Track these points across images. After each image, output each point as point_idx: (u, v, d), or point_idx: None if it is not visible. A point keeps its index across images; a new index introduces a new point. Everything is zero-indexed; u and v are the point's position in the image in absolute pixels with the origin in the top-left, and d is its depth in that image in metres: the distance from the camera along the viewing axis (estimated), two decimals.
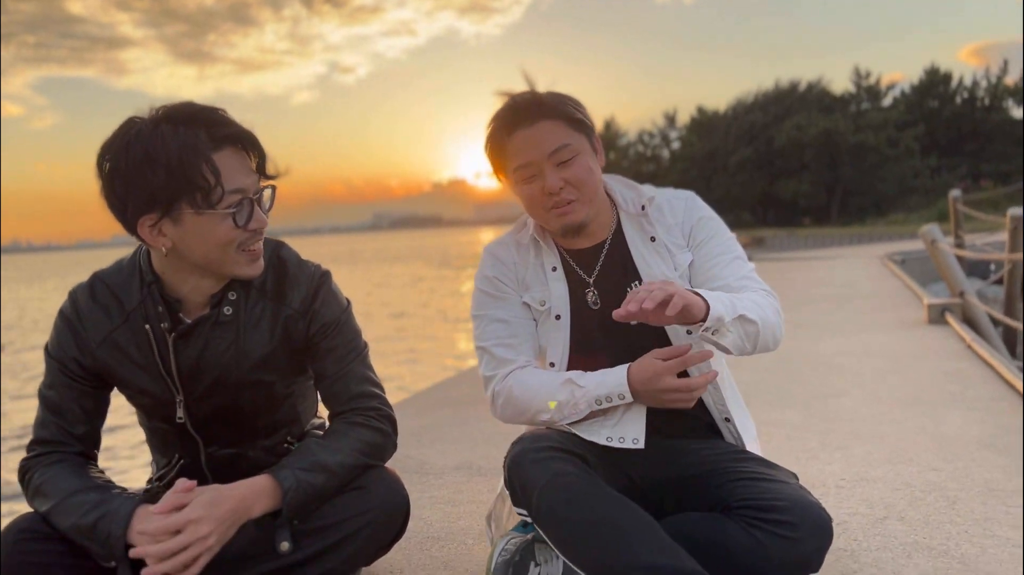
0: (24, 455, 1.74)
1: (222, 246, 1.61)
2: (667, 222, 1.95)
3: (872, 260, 14.54)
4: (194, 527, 1.52)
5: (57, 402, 1.73)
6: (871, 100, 58.94)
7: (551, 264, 1.96)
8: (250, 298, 1.75)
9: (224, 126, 1.58)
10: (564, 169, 1.85)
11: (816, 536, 1.67)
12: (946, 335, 5.63)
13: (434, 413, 4.12)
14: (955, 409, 3.53)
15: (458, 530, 2.38)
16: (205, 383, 1.75)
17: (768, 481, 1.77)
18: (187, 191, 1.54)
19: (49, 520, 1.63)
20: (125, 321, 1.72)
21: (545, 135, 1.84)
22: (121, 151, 1.54)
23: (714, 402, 1.94)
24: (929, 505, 2.36)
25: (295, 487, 1.64)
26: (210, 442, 1.82)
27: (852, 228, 40.85)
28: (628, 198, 1.99)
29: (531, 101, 1.87)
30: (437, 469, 3.06)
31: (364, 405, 1.81)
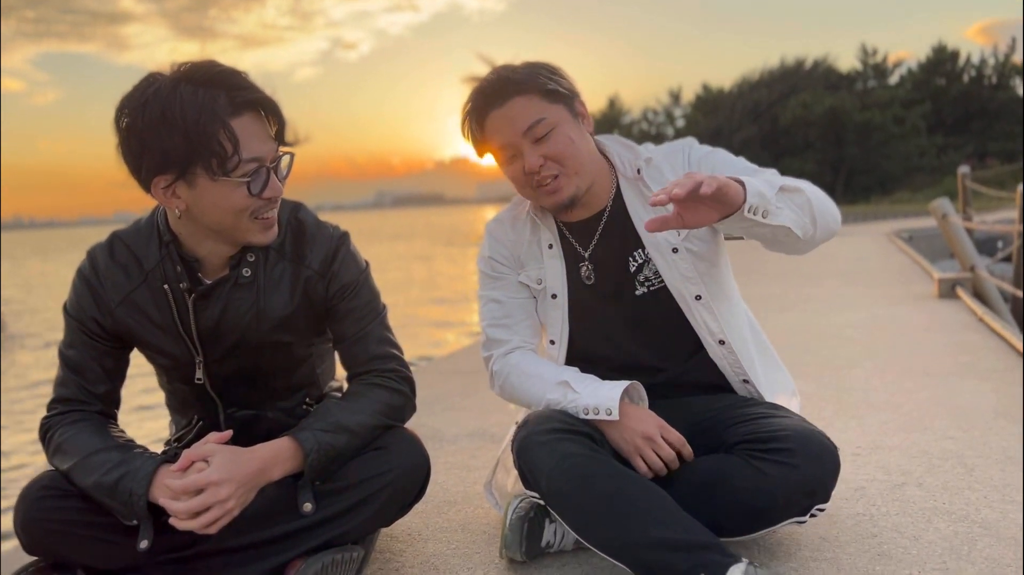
0: (45, 414, 1.73)
1: (235, 213, 1.59)
2: (666, 179, 1.86)
3: (879, 237, 14.47)
4: (215, 489, 1.52)
5: (77, 361, 1.72)
6: (878, 78, 58.54)
7: (547, 241, 1.93)
8: (269, 259, 1.73)
9: (245, 91, 1.55)
10: (542, 145, 1.78)
11: (817, 460, 1.66)
12: (957, 309, 5.61)
13: (445, 383, 4.12)
14: (968, 379, 3.52)
15: (474, 494, 2.38)
16: (225, 344, 1.74)
17: (771, 418, 1.77)
18: (203, 156, 1.51)
19: (70, 478, 1.62)
20: (144, 281, 1.71)
21: (517, 113, 1.77)
22: (138, 108, 1.51)
23: (730, 367, 1.93)
24: (947, 472, 2.35)
25: (316, 448, 1.64)
26: (229, 403, 1.81)
27: (857, 206, 40.71)
28: (626, 160, 1.92)
29: (499, 80, 1.79)
30: (450, 436, 3.06)
31: (383, 366, 1.80)
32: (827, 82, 56.81)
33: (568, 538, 1.85)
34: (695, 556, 1.52)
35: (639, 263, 1.89)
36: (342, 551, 1.69)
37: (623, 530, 1.60)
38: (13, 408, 11.24)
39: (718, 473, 1.70)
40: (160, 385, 1.90)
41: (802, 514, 1.69)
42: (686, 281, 1.86)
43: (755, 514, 1.67)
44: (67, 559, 1.63)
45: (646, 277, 1.89)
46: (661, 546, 1.55)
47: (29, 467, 7.40)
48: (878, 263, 9.63)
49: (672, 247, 1.86)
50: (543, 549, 1.84)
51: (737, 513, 1.66)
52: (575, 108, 1.83)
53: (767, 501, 1.65)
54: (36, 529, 1.61)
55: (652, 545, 1.56)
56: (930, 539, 1.89)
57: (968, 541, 1.87)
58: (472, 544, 2.00)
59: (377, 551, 1.96)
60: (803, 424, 1.74)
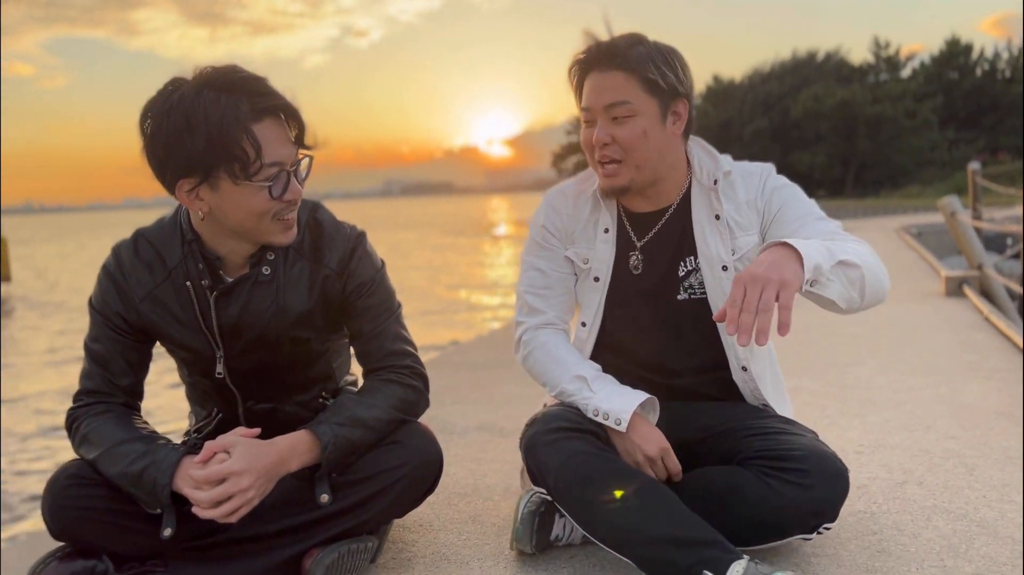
0: (71, 405, 1.79)
1: (257, 215, 1.64)
2: (738, 199, 1.88)
3: (888, 232, 14.44)
4: (236, 479, 1.58)
5: (102, 354, 1.78)
6: (890, 71, 58.19)
7: (604, 225, 1.94)
8: (288, 258, 1.78)
9: (267, 97, 1.59)
10: (616, 125, 1.80)
11: (830, 484, 1.70)
12: (963, 307, 5.63)
13: (455, 375, 4.17)
14: (972, 379, 3.55)
15: (484, 487, 2.43)
16: (245, 340, 1.79)
17: (785, 434, 1.80)
18: (225, 161, 1.56)
19: (96, 467, 1.68)
20: (167, 278, 1.76)
21: (609, 85, 1.79)
22: (162, 115, 1.55)
23: (750, 391, 1.95)
24: (948, 471, 2.40)
25: (333, 441, 1.69)
26: (248, 397, 1.86)
27: (867, 200, 40.55)
28: (705, 167, 1.91)
29: (611, 47, 1.80)
30: (460, 429, 3.11)
31: (398, 363, 1.85)
32: (839, 75, 56.51)
33: (577, 532, 1.90)
34: (697, 552, 1.56)
35: (688, 270, 1.90)
36: (357, 541, 1.75)
37: (629, 527, 1.64)
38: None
39: (729, 486, 1.73)
40: (181, 377, 1.96)
41: (809, 532, 1.72)
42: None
43: (763, 529, 1.70)
44: (92, 545, 1.69)
45: (691, 285, 1.90)
46: (664, 543, 1.59)
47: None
48: (886, 260, 9.58)
49: (723, 264, 1.86)
50: (552, 542, 1.90)
51: (745, 526, 1.69)
52: (670, 106, 1.82)
53: (776, 518, 1.69)
54: (63, 516, 1.67)
55: (655, 541, 1.60)
56: (929, 537, 1.94)
57: (966, 539, 1.92)
58: (482, 535, 2.06)
59: (390, 541, 2.02)
60: (817, 444, 1.76)
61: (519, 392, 3.68)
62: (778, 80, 57.66)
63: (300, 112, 1.64)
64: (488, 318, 15.60)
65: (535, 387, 3.72)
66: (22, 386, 10.97)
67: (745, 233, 1.88)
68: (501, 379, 3.99)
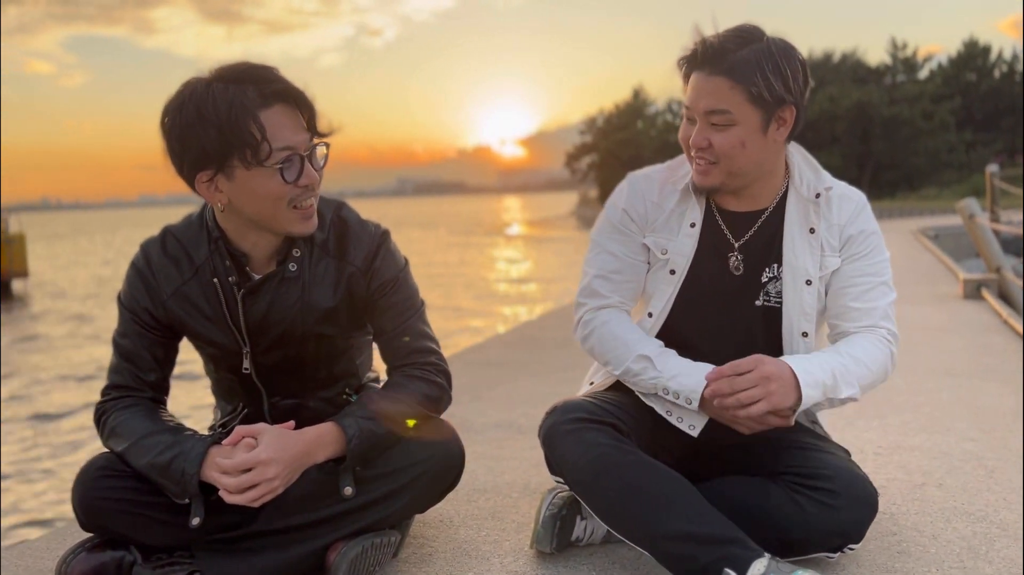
0: (99, 399, 1.82)
1: (272, 201, 1.65)
2: (832, 219, 1.85)
3: (904, 234, 14.35)
4: (263, 468, 1.60)
5: (130, 350, 1.80)
6: (907, 72, 57.82)
7: (692, 219, 1.88)
8: (314, 256, 1.80)
9: (272, 82, 1.62)
10: (714, 131, 1.75)
11: (858, 507, 1.70)
12: (981, 310, 5.61)
13: (474, 373, 4.19)
14: (991, 381, 3.54)
15: (503, 484, 2.45)
16: (271, 336, 1.81)
17: (817, 451, 1.79)
18: (237, 148, 1.59)
19: (125, 459, 1.71)
20: (194, 275, 1.79)
21: (710, 92, 1.73)
22: (176, 110, 1.61)
23: (804, 412, 1.90)
24: (967, 473, 2.40)
25: (358, 435, 1.71)
26: (273, 392, 1.89)
27: (883, 202, 40.32)
28: (806, 179, 1.87)
29: (715, 50, 1.72)
30: (478, 426, 3.13)
31: (422, 360, 1.87)
32: (855, 76, 56.19)
33: (597, 533, 1.90)
34: (718, 549, 1.57)
35: (770, 276, 1.87)
36: (380, 535, 1.77)
37: (647, 521, 1.64)
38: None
39: (756, 498, 1.73)
40: (207, 373, 1.98)
41: (833, 551, 1.73)
42: (802, 315, 1.84)
43: (788, 545, 1.70)
44: (121, 536, 1.72)
45: (768, 292, 1.87)
46: (685, 538, 1.60)
47: None
48: (904, 262, 9.59)
49: (807, 278, 1.84)
50: (573, 543, 1.90)
51: (769, 540, 1.67)
52: (774, 114, 1.75)
53: (801, 536, 1.69)
54: (92, 507, 1.70)
55: (675, 537, 1.61)
56: (949, 538, 1.94)
57: (987, 541, 1.92)
58: (502, 532, 2.07)
59: (411, 536, 2.04)
60: (848, 465, 1.76)
61: (537, 390, 3.70)
62: None
63: (307, 97, 1.66)
64: (507, 314, 15.62)
65: (553, 385, 3.74)
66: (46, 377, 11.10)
67: (833, 254, 1.85)
68: (519, 377, 4.01)
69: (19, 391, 12.00)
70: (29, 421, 10.11)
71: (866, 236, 1.86)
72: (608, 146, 63.30)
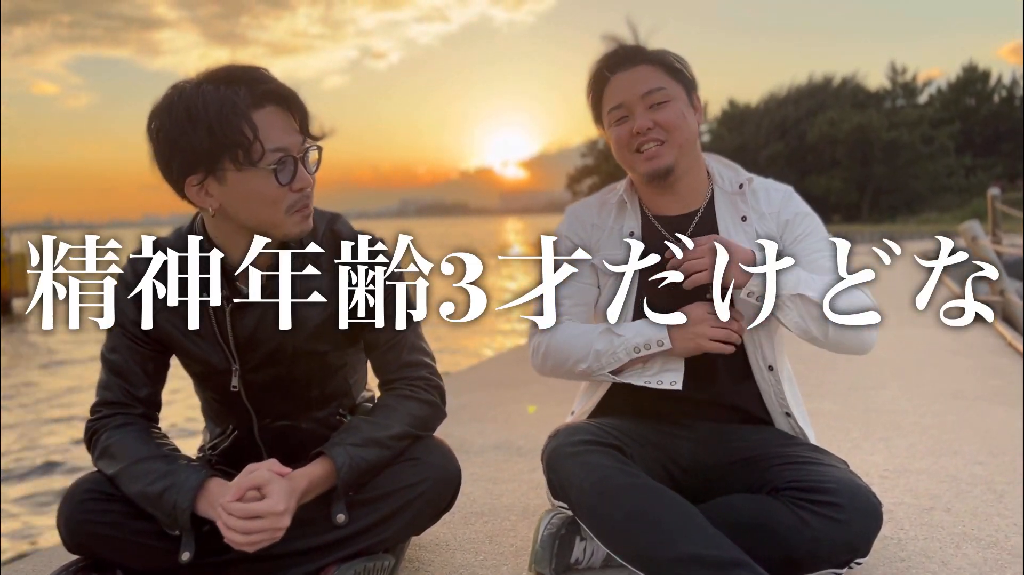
0: (89, 417, 1.77)
1: (268, 205, 1.61)
2: (761, 209, 1.92)
3: (906, 257, 14.28)
4: (276, 518, 1.56)
5: (120, 365, 1.76)
6: (906, 97, 58.15)
7: (629, 228, 1.94)
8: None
9: (264, 83, 1.58)
10: (656, 111, 1.85)
11: (863, 519, 1.66)
12: (986, 332, 5.56)
13: (472, 394, 4.14)
14: (998, 404, 3.49)
15: (501, 507, 2.40)
16: (261, 353, 1.77)
17: (817, 464, 1.76)
18: (228, 148, 1.55)
19: (115, 483, 1.66)
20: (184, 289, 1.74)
21: (640, 77, 1.86)
22: (165, 112, 1.56)
23: (775, 395, 1.93)
24: (976, 497, 2.34)
25: (348, 463, 1.67)
26: (263, 414, 1.83)
27: (883, 226, 40.36)
28: (726, 176, 1.97)
29: (631, 48, 1.90)
30: (477, 447, 3.08)
31: (414, 374, 1.82)
32: (855, 100, 56.49)
33: (597, 555, 1.86)
34: (725, 572, 1.53)
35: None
36: (373, 559, 1.72)
37: (652, 544, 1.61)
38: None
39: (759, 516, 1.69)
40: (196, 392, 1.94)
41: (840, 567, 1.68)
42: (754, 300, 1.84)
43: (794, 563, 1.65)
44: (107, 560, 1.67)
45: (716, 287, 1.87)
46: (690, 562, 1.56)
47: None
48: (906, 284, 9.53)
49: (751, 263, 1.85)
50: (572, 566, 1.85)
51: (775, 559, 1.63)
52: (692, 97, 1.91)
53: (808, 551, 1.65)
54: (78, 530, 1.65)
55: (681, 561, 1.57)
56: (959, 565, 1.89)
57: (998, 568, 1.86)
58: (499, 555, 2.02)
59: (407, 560, 1.98)
60: (850, 476, 1.72)
61: (537, 411, 3.65)
62: (794, 105, 57.71)
63: (299, 98, 1.63)
64: (506, 333, 15.57)
65: (553, 406, 3.68)
66: None
67: (768, 240, 1.86)
68: (518, 398, 3.96)
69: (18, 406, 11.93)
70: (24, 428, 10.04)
71: (803, 217, 1.93)
72: (609, 169, 63.54)
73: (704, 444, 1.88)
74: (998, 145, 53.25)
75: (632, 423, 1.88)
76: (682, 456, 1.88)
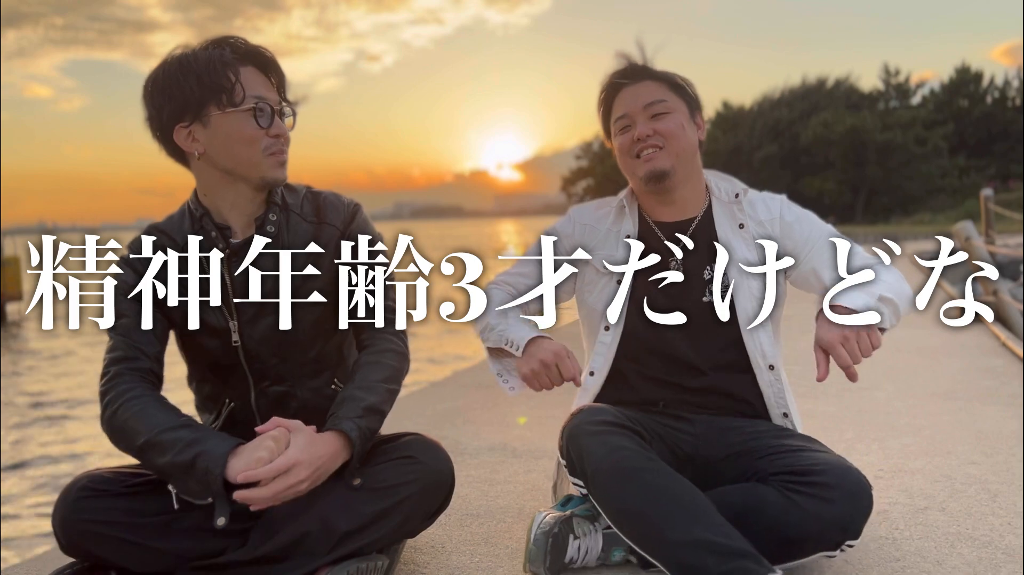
0: (102, 379, 1.76)
1: (247, 144, 1.74)
2: (759, 216, 2.00)
3: (900, 258, 14.34)
4: (296, 469, 1.60)
5: (126, 326, 1.78)
6: (900, 98, 58.37)
7: (627, 232, 2.02)
8: (291, 220, 1.84)
9: (246, 44, 1.77)
10: (656, 120, 1.96)
11: (853, 498, 1.69)
12: (979, 332, 5.58)
13: (466, 395, 4.14)
14: (991, 404, 3.50)
15: (497, 508, 2.40)
16: (257, 303, 1.80)
17: (807, 451, 1.81)
18: (214, 93, 1.70)
19: (141, 454, 1.67)
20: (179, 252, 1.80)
21: (644, 90, 1.99)
22: (160, 69, 1.74)
23: (774, 396, 1.97)
24: (970, 497, 2.35)
25: (359, 436, 1.71)
26: (261, 377, 1.85)
27: (877, 227, 40.49)
28: (722, 188, 2.05)
29: (639, 66, 2.04)
30: (472, 450, 3.08)
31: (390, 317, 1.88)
32: (848, 101, 56.68)
33: (591, 554, 1.86)
34: (731, 561, 1.57)
35: (711, 275, 1.96)
36: (367, 560, 1.72)
37: (665, 526, 1.64)
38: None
39: (751, 502, 1.73)
40: (190, 384, 1.94)
41: (832, 549, 1.71)
42: (754, 301, 1.93)
43: (786, 545, 1.69)
44: (103, 561, 1.67)
45: (713, 290, 1.95)
46: (701, 546, 1.59)
47: None
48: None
49: (750, 267, 1.94)
50: (566, 565, 1.86)
51: (769, 543, 1.67)
52: (694, 114, 2.02)
53: (799, 533, 1.68)
54: (73, 530, 1.64)
55: (692, 544, 1.60)
56: (953, 564, 1.90)
57: (992, 567, 1.87)
58: (495, 558, 2.02)
59: (402, 563, 1.98)
60: (839, 459, 1.77)
61: (532, 413, 3.65)
62: (788, 106, 57.86)
63: (278, 63, 1.80)
64: None
65: (549, 408, 3.68)
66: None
67: (768, 244, 1.95)
68: (513, 400, 3.95)
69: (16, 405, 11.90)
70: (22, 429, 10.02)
71: (803, 217, 2.02)
72: (604, 171, 63.64)
73: (703, 438, 1.92)
74: (991, 146, 53.47)
75: (638, 414, 1.92)
76: (681, 449, 1.92)
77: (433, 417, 3.69)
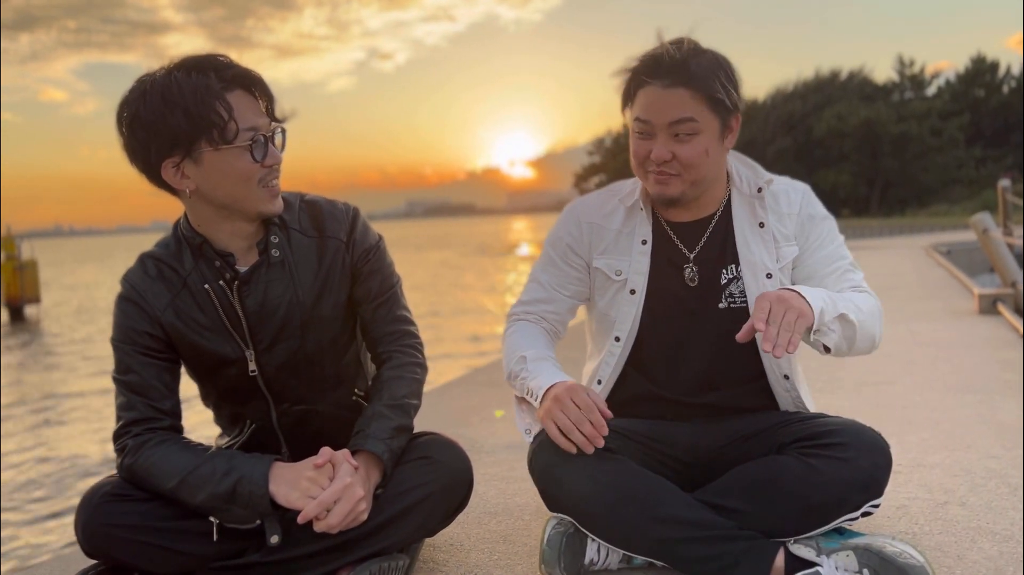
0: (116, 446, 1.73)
1: (243, 181, 1.66)
2: (780, 210, 1.89)
3: (916, 251, 14.25)
4: (351, 491, 1.63)
5: (139, 383, 1.74)
6: (915, 89, 57.89)
7: (642, 236, 1.91)
8: (292, 239, 1.80)
9: (230, 68, 1.64)
10: (678, 143, 1.76)
11: (870, 454, 1.69)
12: (998, 325, 5.53)
13: (482, 394, 4.15)
14: (1011, 398, 3.47)
15: (515, 506, 2.40)
16: (272, 327, 1.78)
17: (817, 418, 1.81)
18: (205, 129, 1.60)
19: (176, 497, 1.66)
20: (184, 286, 1.75)
21: (675, 102, 1.73)
22: (139, 100, 1.61)
23: (792, 402, 1.95)
24: (991, 491, 2.33)
25: (389, 456, 1.74)
26: (281, 399, 1.84)
27: (893, 219, 40.19)
28: (744, 176, 1.91)
29: (679, 61, 1.73)
30: (489, 447, 3.09)
31: (402, 330, 1.90)
32: (862, 93, 56.27)
33: (613, 557, 1.85)
34: (702, 530, 1.64)
35: (729, 278, 1.89)
36: (388, 559, 1.73)
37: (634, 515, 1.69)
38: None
39: (770, 472, 1.71)
40: (206, 404, 1.94)
41: (855, 510, 1.70)
42: None
43: (809, 511, 1.68)
44: (126, 564, 1.68)
45: (731, 293, 1.88)
46: (675, 523, 1.65)
47: None
48: (916, 277, 9.51)
49: (767, 272, 1.86)
50: (586, 567, 1.83)
51: (791, 511, 1.67)
52: (728, 122, 1.80)
53: (820, 497, 1.67)
54: (96, 534, 1.65)
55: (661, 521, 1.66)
56: (974, 559, 1.88)
57: (1013, 561, 1.86)
58: (514, 555, 2.02)
59: (421, 561, 1.99)
60: (852, 421, 1.76)
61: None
62: (801, 99, 57.52)
63: (265, 83, 1.69)
64: None
65: None
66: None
67: (787, 243, 1.89)
68: None
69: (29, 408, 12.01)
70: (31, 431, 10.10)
71: (820, 221, 1.91)
72: (616, 166, 63.49)
73: (700, 429, 1.90)
74: (1008, 136, 52.92)
75: (625, 421, 1.88)
76: (678, 444, 1.90)
77: (449, 416, 3.70)
